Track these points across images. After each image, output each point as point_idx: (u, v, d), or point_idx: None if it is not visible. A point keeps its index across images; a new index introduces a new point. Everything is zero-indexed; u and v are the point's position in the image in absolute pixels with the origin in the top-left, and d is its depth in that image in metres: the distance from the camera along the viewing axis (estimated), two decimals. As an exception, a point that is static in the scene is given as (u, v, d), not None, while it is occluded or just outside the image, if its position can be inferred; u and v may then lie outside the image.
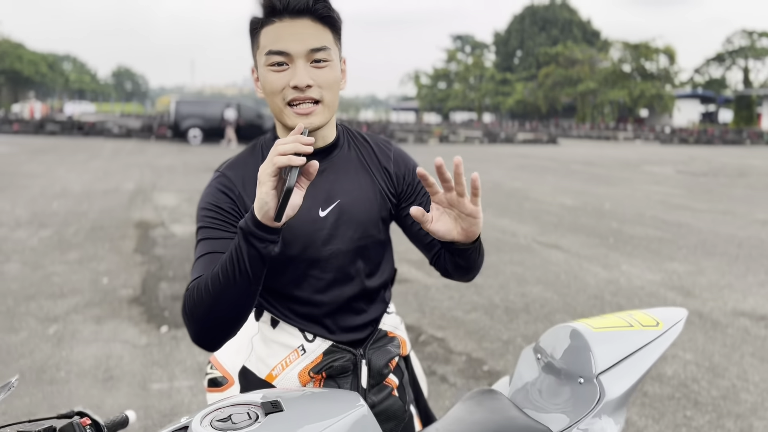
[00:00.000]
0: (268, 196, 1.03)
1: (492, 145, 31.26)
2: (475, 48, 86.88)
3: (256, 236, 1.06)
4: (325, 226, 1.30)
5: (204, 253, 1.22)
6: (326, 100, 1.24)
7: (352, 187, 1.34)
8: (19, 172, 12.71)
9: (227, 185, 1.28)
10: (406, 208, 1.40)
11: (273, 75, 1.21)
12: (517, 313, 4.62)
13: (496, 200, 10.43)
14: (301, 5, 1.19)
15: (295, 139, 1.03)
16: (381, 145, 1.44)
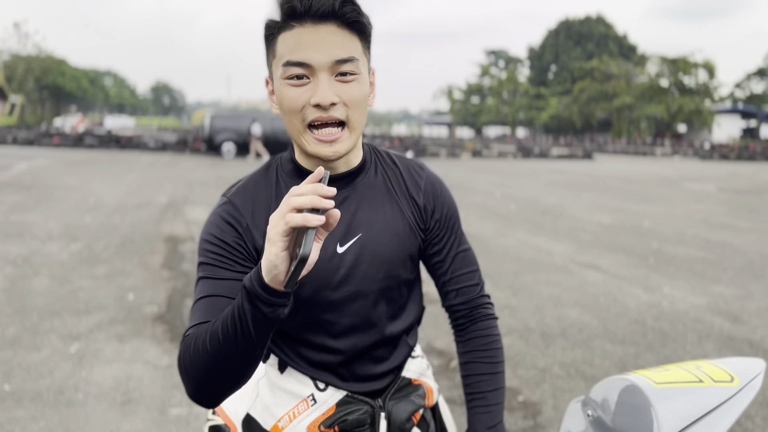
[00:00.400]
0: (278, 258, 0.86)
1: (526, 160, 30.88)
2: (509, 63, 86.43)
3: (262, 300, 0.89)
4: (343, 264, 1.13)
5: (204, 296, 1.06)
6: (352, 121, 1.06)
7: (376, 218, 1.16)
8: (56, 184, 12.89)
9: (234, 215, 1.12)
10: (429, 248, 1.24)
11: (291, 90, 1.04)
12: (553, 338, 4.39)
13: (531, 217, 10.17)
14: (326, 8, 1.01)
15: (312, 189, 0.85)
16: (412, 170, 1.26)
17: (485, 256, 7.01)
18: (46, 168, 16.90)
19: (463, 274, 1.26)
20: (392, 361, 1.23)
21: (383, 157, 1.26)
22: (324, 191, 0.85)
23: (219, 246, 1.09)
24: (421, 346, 4.10)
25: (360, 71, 1.06)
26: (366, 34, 1.08)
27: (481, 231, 8.66)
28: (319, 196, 0.85)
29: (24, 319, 4.47)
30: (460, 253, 1.27)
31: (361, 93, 1.06)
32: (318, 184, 0.87)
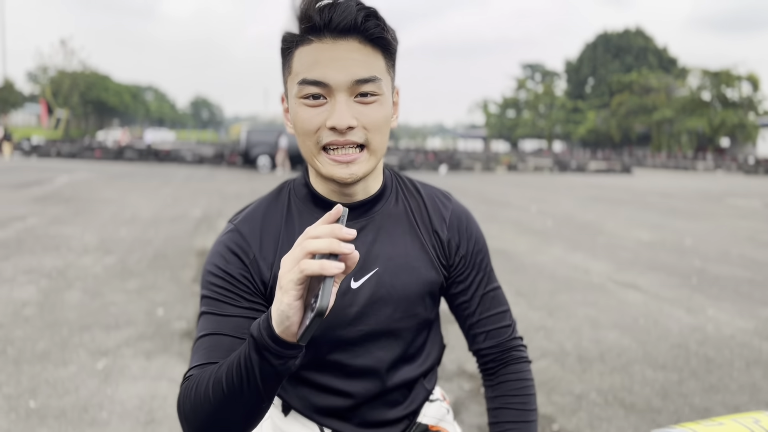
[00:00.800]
0: (291, 309, 0.77)
1: (562, 174, 30.44)
2: (546, 76, 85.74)
3: (271, 351, 0.80)
4: (357, 301, 1.03)
5: (207, 333, 0.97)
6: (372, 145, 0.97)
7: (395, 251, 1.06)
8: (95, 197, 13.12)
9: (240, 245, 1.03)
10: (453, 286, 1.13)
11: (306, 111, 0.95)
12: (591, 362, 4.21)
13: (568, 233, 9.93)
14: (347, 22, 0.92)
15: (330, 231, 0.76)
16: (437, 200, 1.15)
17: (519, 273, 6.83)
18: (87, 181, 17.26)
19: (493, 315, 1.15)
20: (407, 406, 1.12)
21: (405, 184, 1.16)
22: (343, 234, 0.76)
23: (224, 279, 1.00)
24: (451, 369, 3.98)
25: (382, 92, 0.97)
26: (390, 51, 0.99)
27: (515, 248, 8.48)
28: (338, 239, 0.76)
29: (54, 333, 4.48)
30: (489, 292, 1.16)
31: (383, 116, 0.97)
32: (336, 225, 0.78)
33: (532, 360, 4.03)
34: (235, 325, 0.96)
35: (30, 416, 3.22)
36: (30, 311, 4.96)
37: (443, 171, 29.36)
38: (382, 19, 0.96)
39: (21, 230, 8.71)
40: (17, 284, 5.77)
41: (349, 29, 0.93)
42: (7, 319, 4.74)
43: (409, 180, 1.18)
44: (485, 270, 1.16)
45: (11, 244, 7.65)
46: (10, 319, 4.76)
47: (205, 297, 1.01)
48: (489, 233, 9.65)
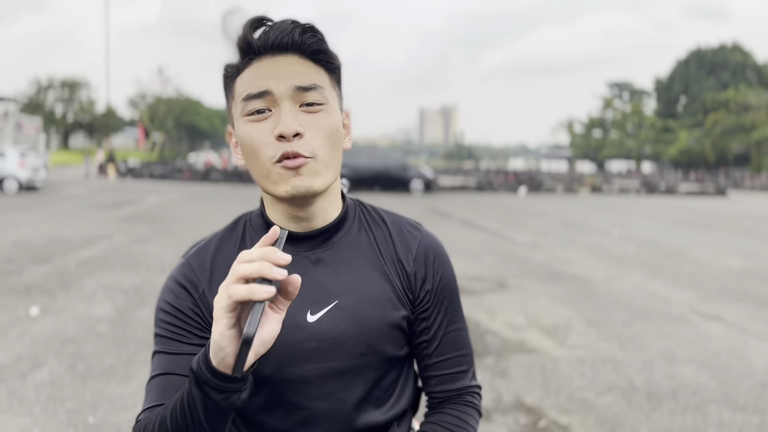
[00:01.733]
0: (223, 339, 0.73)
1: (650, 196, 29.21)
2: (634, 95, 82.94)
3: (211, 385, 0.76)
4: (314, 336, 0.96)
5: (157, 374, 0.94)
6: (321, 156, 0.92)
7: (357, 283, 1.00)
8: (179, 217, 13.69)
9: (190, 278, 0.99)
10: (417, 323, 1.05)
11: (252, 127, 0.92)
12: (661, 399, 3.93)
13: (649, 259, 9.45)
14: (284, 39, 0.91)
15: (262, 254, 0.72)
16: (404, 230, 1.08)
17: (592, 301, 6.53)
18: (173, 202, 18.07)
19: (450, 358, 1.07)
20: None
21: (370, 213, 1.10)
22: (275, 258, 0.72)
23: (173, 315, 0.97)
24: (508, 401, 3.81)
25: (327, 101, 0.94)
26: (333, 68, 0.97)
27: (591, 273, 8.13)
28: (270, 262, 0.71)
29: (122, 350, 4.64)
30: (451, 333, 1.07)
31: (331, 126, 0.93)
32: (270, 248, 0.73)
33: (597, 394, 3.80)
34: (186, 364, 0.93)
35: (87, 431, 3.32)
36: (103, 327, 5.18)
37: (522, 192, 28.80)
38: (321, 34, 0.94)
39: (107, 248, 9.17)
40: (96, 301, 6.04)
41: (287, 45, 0.92)
42: (81, 335, 4.96)
43: (374, 209, 1.12)
44: (447, 309, 1.07)
45: (96, 262, 8.06)
46: (84, 334, 4.98)
47: (157, 335, 0.99)
48: (565, 258, 9.33)
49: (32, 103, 62.75)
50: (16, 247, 9.08)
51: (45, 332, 4.99)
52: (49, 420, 3.44)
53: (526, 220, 15.29)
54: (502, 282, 7.40)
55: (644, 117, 71.35)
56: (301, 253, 0.99)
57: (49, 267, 7.63)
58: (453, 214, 16.50)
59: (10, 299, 6.00)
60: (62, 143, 68.64)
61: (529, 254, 9.69)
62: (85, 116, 66.51)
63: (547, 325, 5.55)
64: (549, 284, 7.36)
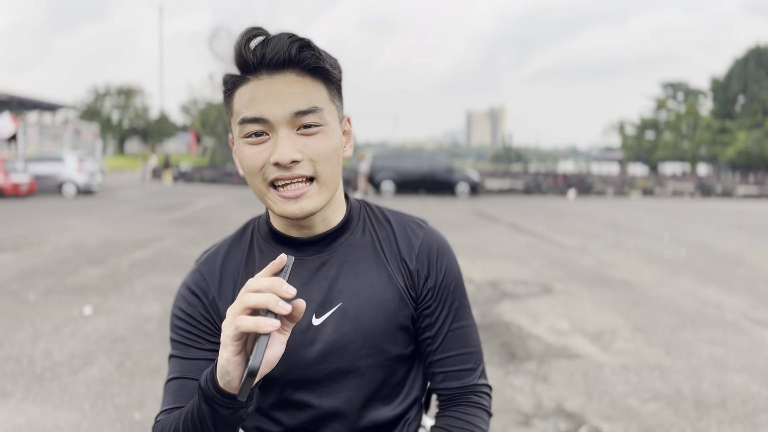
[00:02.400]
0: (229, 364, 0.77)
1: (705, 199, 28.33)
2: (689, 95, 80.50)
3: (218, 403, 0.80)
4: (320, 338, 0.99)
5: (173, 377, 0.99)
6: (322, 177, 0.94)
7: (360, 285, 1.01)
8: (227, 220, 13.98)
9: (201, 286, 1.03)
10: (420, 320, 1.05)
11: (249, 149, 0.93)
12: (709, 408, 3.81)
13: (702, 264, 9.16)
14: (280, 56, 0.90)
15: (269, 286, 0.74)
16: (408, 229, 1.09)
17: (640, 306, 6.37)
18: (222, 205, 18.46)
19: (456, 355, 1.07)
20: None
21: (375, 213, 1.11)
22: (281, 291, 0.74)
23: (186, 322, 1.02)
24: (549, 406, 3.76)
25: (326, 122, 0.93)
26: (332, 80, 0.96)
27: (639, 278, 7.94)
28: (276, 295, 0.74)
29: (168, 349, 4.76)
30: (456, 330, 1.07)
31: (329, 146, 0.94)
32: (276, 280, 0.76)
33: (642, 402, 3.71)
34: (199, 369, 0.97)
35: (134, 427, 3.43)
36: (151, 327, 5.33)
37: (572, 196, 28.31)
38: (317, 49, 0.93)
39: (158, 250, 9.44)
40: (145, 301, 6.23)
41: (283, 63, 0.91)
42: (131, 334, 5.12)
43: (379, 209, 1.12)
44: (452, 306, 1.07)
45: (147, 263, 8.30)
46: (134, 333, 5.14)
47: (173, 340, 1.04)
48: (612, 262, 9.13)
49: (90, 110, 65.11)
50: (73, 249, 9.43)
51: (97, 331, 5.17)
52: (97, 416, 3.56)
53: (574, 224, 15.03)
54: (546, 286, 7.30)
55: (700, 118, 69.15)
56: (305, 257, 1.02)
57: (103, 268, 7.90)
58: (499, 217, 16.34)
59: (66, 299, 6.24)
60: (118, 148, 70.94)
61: (575, 258, 9.52)
62: (139, 122, 68.62)
63: (592, 330, 5.45)
64: (595, 289, 7.22)
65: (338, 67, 0.97)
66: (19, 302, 6.06)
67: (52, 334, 5.06)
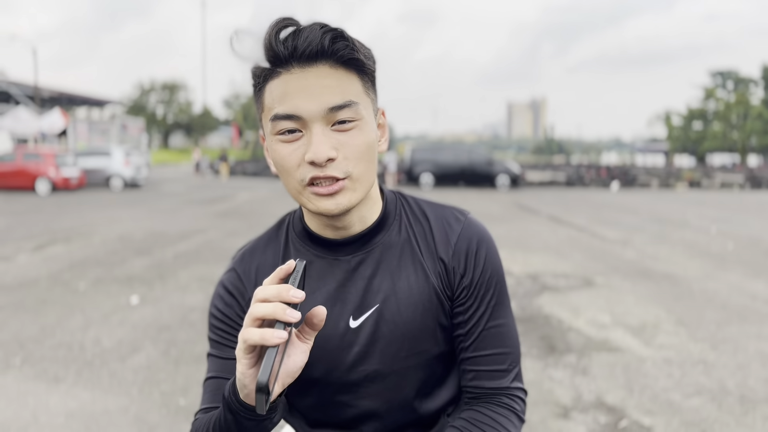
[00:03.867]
0: (245, 377, 0.76)
1: (755, 191, 27.44)
2: (739, 84, 77.91)
3: (241, 414, 0.80)
4: (358, 341, 0.98)
5: (211, 377, 1.01)
6: (356, 174, 0.90)
7: (397, 286, 0.99)
8: (268, 212, 14.17)
9: (236, 285, 1.03)
10: (454, 317, 1.03)
11: (283, 148, 0.89)
12: (755, 404, 3.72)
13: (750, 258, 8.90)
14: (313, 48, 0.85)
15: (277, 294, 0.72)
16: (445, 224, 1.04)
17: (685, 300, 6.24)
18: (264, 198, 18.71)
19: (489, 355, 1.02)
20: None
21: (412, 208, 1.07)
22: (288, 297, 0.72)
23: (223, 322, 1.03)
24: (588, 399, 3.73)
25: (361, 116, 0.90)
26: (366, 71, 0.92)
27: (684, 272, 7.76)
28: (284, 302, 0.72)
29: (212, 337, 4.88)
30: (492, 328, 1.02)
31: (364, 142, 0.90)
32: (283, 287, 0.73)
33: (685, 396, 3.64)
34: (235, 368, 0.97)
35: (178, 413, 3.54)
36: (195, 316, 5.47)
37: (615, 188, 27.78)
38: (351, 39, 0.89)
39: (201, 242, 9.64)
40: (189, 291, 6.38)
41: (316, 55, 0.86)
42: (175, 323, 5.26)
43: (416, 202, 1.09)
44: (492, 302, 1.03)
45: (191, 255, 8.50)
46: (178, 322, 5.27)
47: (210, 339, 1.05)
48: (656, 255, 8.95)
49: (136, 105, 66.67)
50: (120, 241, 9.71)
51: (143, 320, 5.33)
52: (144, 401, 3.69)
53: (617, 216, 14.76)
54: (588, 279, 7.20)
55: (750, 107, 66.87)
56: (341, 258, 1.00)
57: (149, 259, 8.12)
58: (540, 209, 16.16)
59: (114, 288, 6.44)
60: (163, 143, 72.47)
61: (618, 251, 9.37)
62: (183, 117, 69.91)
63: (634, 324, 5.36)
64: (638, 282, 7.09)
65: (372, 58, 0.93)
66: (71, 292, 6.28)
67: (102, 322, 5.24)
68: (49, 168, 19.75)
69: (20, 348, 4.56)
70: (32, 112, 27.32)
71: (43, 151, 20.57)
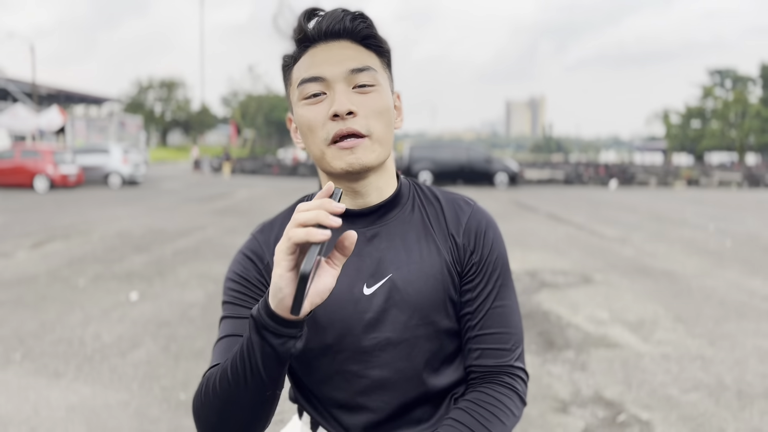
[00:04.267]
0: (282, 280, 0.80)
1: (753, 190, 27.52)
2: (737, 82, 78.01)
3: (269, 330, 0.83)
4: (371, 307, 1.03)
5: (224, 335, 1.03)
6: (375, 133, 0.99)
7: (409, 258, 1.05)
8: (267, 210, 14.18)
9: (256, 251, 1.08)
10: (462, 295, 1.08)
11: (309, 109, 0.99)
12: (752, 398, 3.74)
13: (748, 255, 8.93)
14: (336, 27, 0.98)
15: (319, 204, 0.79)
16: (455, 206, 1.12)
17: (682, 297, 6.26)
18: (262, 196, 18.72)
19: (494, 333, 1.07)
20: (435, 424, 1.08)
21: (424, 192, 1.15)
22: (330, 207, 0.79)
23: (240, 284, 1.06)
24: (587, 393, 3.75)
25: (378, 83, 1.00)
26: (383, 52, 1.03)
27: (682, 269, 7.79)
28: (327, 211, 0.78)
29: (212, 333, 4.90)
30: (497, 308, 1.08)
31: (383, 104, 1.00)
32: (325, 200, 0.80)
33: (682, 391, 3.67)
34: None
35: (179, 407, 3.55)
36: (195, 312, 5.48)
37: (613, 186, 27.83)
38: (370, 20, 1.00)
39: (200, 239, 9.66)
40: (189, 287, 6.40)
41: (339, 32, 0.99)
42: (175, 318, 5.27)
43: (428, 188, 1.16)
44: (496, 283, 1.09)
45: (190, 251, 8.51)
46: (178, 318, 5.29)
47: (225, 303, 1.07)
48: (655, 253, 8.98)
49: (134, 103, 66.57)
50: (119, 237, 9.72)
51: (143, 315, 5.34)
52: (145, 395, 3.70)
53: (616, 214, 14.79)
54: (586, 276, 7.23)
55: (749, 105, 66.91)
56: (358, 230, 1.06)
57: (148, 256, 8.13)
58: (538, 207, 16.19)
59: (113, 285, 6.45)
60: (161, 140, 72.40)
61: (616, 249, 9.39)
62: (181, 114, 69.81)
63: (632, 320, 5.39)
64: (636, 279, 7.12)
65: (388, 45, 1.04)
66: (70, 288, 6.29)
67: (101, 318, 5.25)
68: (48, 165, 19.74)
69: (20, 343, 4.58)
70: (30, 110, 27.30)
71: (41, 148, 20.55)
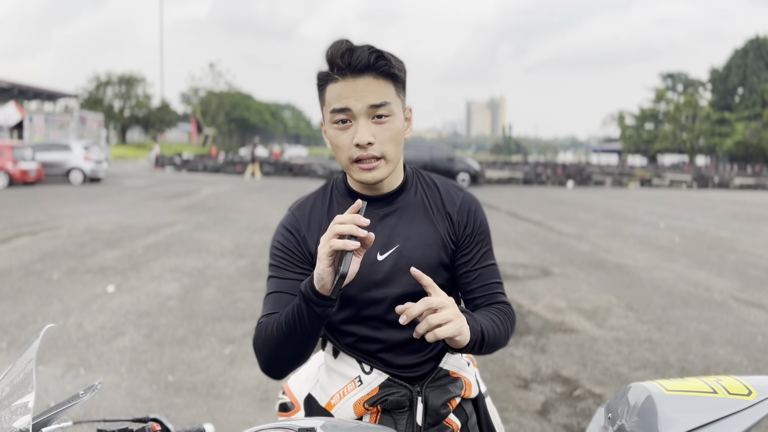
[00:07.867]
0: (324, 273, 1.12)
1: (702, 190, 28.66)
2: (688, 86, 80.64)
3: (314, 302, 1.16)
4: (382, 270, 1.34)
5: (272, 291, 1.34)
6: (388, 155, 1.28)
7: (412, 232, 1.37)
8: (234, 207, 14.30)
9: (294, 225, 1.39)
10: (459, 258, 1.41)
11: (339, 133, 1.28)
12: (693, 375, 4.15)
13: (695, 250, 9.50)
14: (362, 64, 1.24)
15: (351, 219, 1.11)
16: (450, 190, 1.44)
17: (634, 288, 6.71)
18: (227, 193, 18.76)
19: (488, 284, 1.41)
20: (430, 353, 1.39)
21: (425, 179, 1.46)
22: (360, 222, 1.11)
23: (282, 251, 1.36)
24: (546, 372, 4.10)
25: (393, 113, 1.28)
26: (399, 80, 1.30)
27: (634, 263, 8.28)
28: (356, 225, 1.10)
29: (191, 322, 5.10)
30: (487, 266, 1.42)
31: (395, 131, 1.28)
32: (356, 216, 1.12)
33: (632, 369, 4.04)
34: (292, 286, 1.33)
35: (168, 388, 3.77)
36: (173, 303, 5.67)
37: (570, 185, 28.64)
38: (389, 58, 1.27)
39: (170, 235, 9.77)
40: (164, 281, 6.56)
41: (364, 68, 1.24)
42: (154, 309, 5.45)
43: (429, 176, 1.48)
44: (485, 248, 1.43)
45: (161, 247, 8.63)
46: (157, 309, 5.47)
47: (271, 265, 1.39)
48: (609, 248, 9.47)
49: (92, 99, 65.03)
50: (88, 233, 9.75)
51: (122, 306, 5.51)
52: (134, 378, 3.91)
53: (573, 212, 15.36)
54: (545, 269, 7.64)
55: (699, 109, 69.20)
56: (373, 210, 1.38)
57: (119, 251, 8.23)
58: (499, 206, 16.67)
59: (88, 278, 6.57)
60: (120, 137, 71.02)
61: (573, 244, 9.86)
62: (141, 111, 68.60)
63: (588, 308, 5.79)
64: (592, 272, 7.56)
65: (404, 69, 1.32)
66: (45, 281, 6.39)
67: (81, 309, 5.40)
68: (7, 161, 19.40)
69: (4, 333, 4.71)
70: (-15, 105, 26.63)
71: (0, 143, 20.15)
